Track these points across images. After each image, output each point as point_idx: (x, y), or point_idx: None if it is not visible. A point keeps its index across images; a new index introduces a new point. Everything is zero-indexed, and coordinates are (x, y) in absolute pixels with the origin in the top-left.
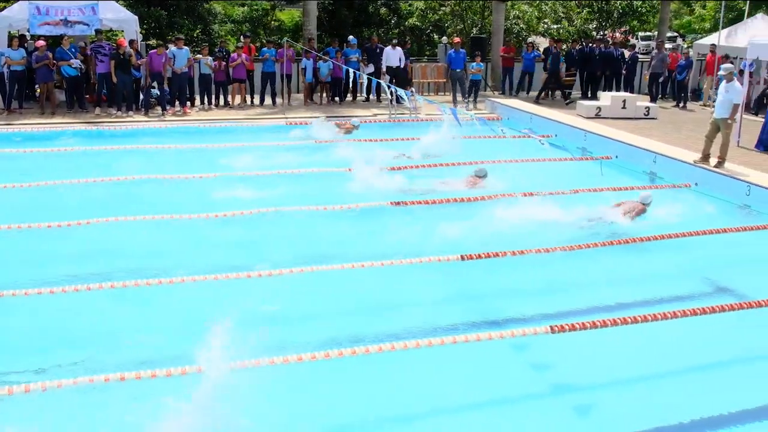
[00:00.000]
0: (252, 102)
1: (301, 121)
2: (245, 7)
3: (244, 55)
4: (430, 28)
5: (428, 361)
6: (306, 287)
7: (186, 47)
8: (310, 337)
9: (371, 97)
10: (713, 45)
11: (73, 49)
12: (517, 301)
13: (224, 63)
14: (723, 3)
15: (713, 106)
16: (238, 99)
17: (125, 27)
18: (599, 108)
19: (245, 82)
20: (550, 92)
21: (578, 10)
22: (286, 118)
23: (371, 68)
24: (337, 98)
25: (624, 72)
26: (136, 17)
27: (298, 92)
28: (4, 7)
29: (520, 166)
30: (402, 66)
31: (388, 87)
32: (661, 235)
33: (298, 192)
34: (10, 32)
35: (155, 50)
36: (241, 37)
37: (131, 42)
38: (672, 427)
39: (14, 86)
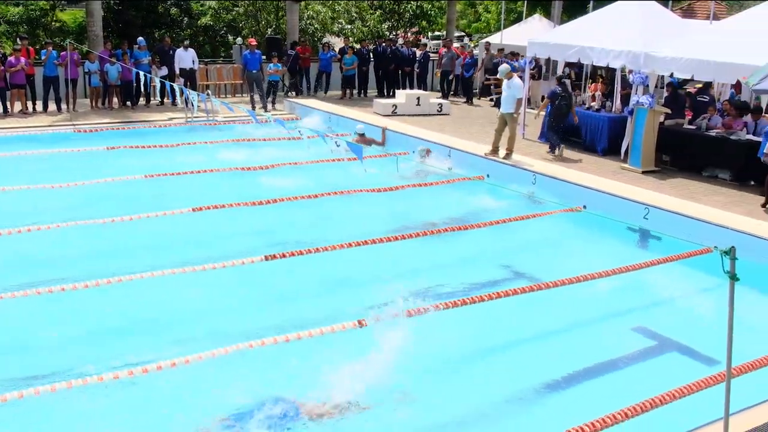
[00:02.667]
0: (34, 109)
1: (94, 128)
2: (20, 7)
3: (23, 59)
4: (224, 28)
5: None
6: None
7: None
8: None
9: (166, 100)
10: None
11: None
12: (324, 298)
13: (1, 68)
14: (503, 5)
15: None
16: (18, 106)
17: None
18: (395, 105)
19: (25, 88)
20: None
21: (371, 11)
22: (74, 125)
23: (164, 71)
24: (128, 102)
25: (417, 70)
26: None
27: (85, 97)
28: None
29: (316, 167)
30: (195, 68)
31: (182, 90)
32: (459, 227)
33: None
34: None
35: None
36: (18, 39)
37: None
38: (474, 408)
39: None
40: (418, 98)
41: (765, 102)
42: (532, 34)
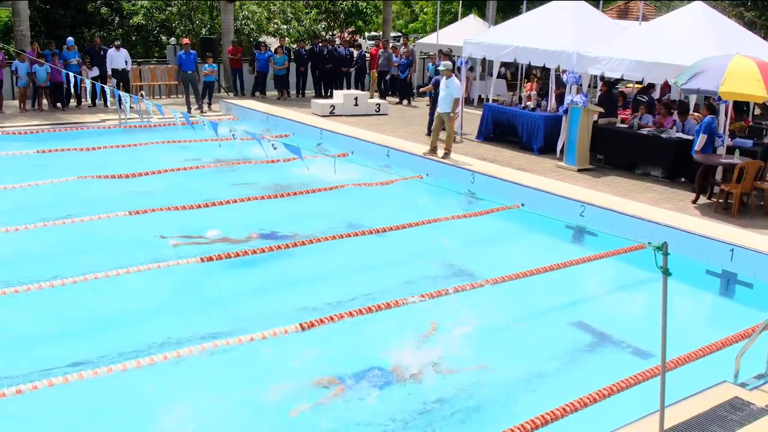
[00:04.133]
0: None
1: (23, 131)
2: None
3: None
4: (157, 28)
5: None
6: None
7: None
8: None
9: (97, 102)
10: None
11: None
12: (262, 299)
13: None
14: (438, 5)
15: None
16: None
17: None
18: (333, 106)
19: None
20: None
21: (306, 10)
22: (3, 127)
23: (96, 71)
24: (59, 104)
25: (354, 70)
26: None
27: (13, 99)
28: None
29: (254, 167)
30: (128, 68)
31: (113, 91)
32: (398, 225)
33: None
34: None
35: None
36: None
37: None
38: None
39: None
40: (356, 98)
41: (693, 102)
42: (468, 34)
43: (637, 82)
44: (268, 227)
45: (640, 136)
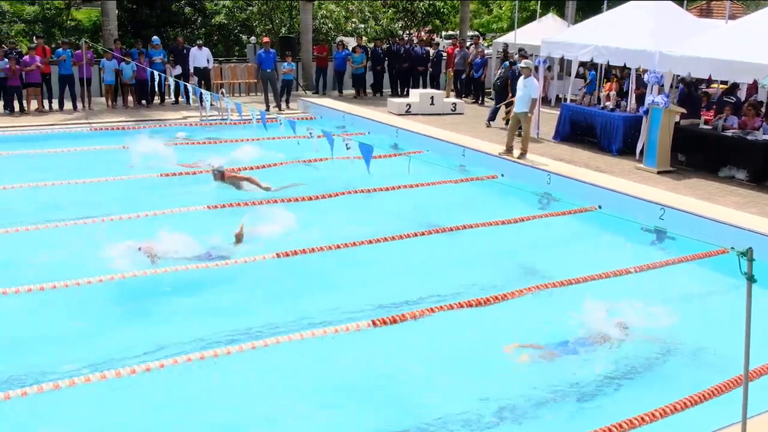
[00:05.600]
0: (50, 107)
1: (110, 126)
2: (35, 6)
3: (38, 58)
4: (238, 27)
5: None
6: None
7: None
8: None
9: (180, 99)
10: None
11: None
12: (336, 296)
13: (17, 66)
14: (516, 3)
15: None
16: (34, 104)
17: None
18: (409, 105)
19: (41, 86)
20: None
21: (384, 9)
22: (90, 123)
23: (179, 70)
24: (143, 101)
25: (430, 70)
26: None
27: (100, 96)
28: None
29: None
30: (210, 67)
31: (195, 89)
32: (471, 224)
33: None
34: None
35: None
36: (34, 37)
37: None
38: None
39: None
40: (432, 97)
41: None
42: (546, 33)
43: (722, 83)
44: (341, 224)
45: (725, 137)
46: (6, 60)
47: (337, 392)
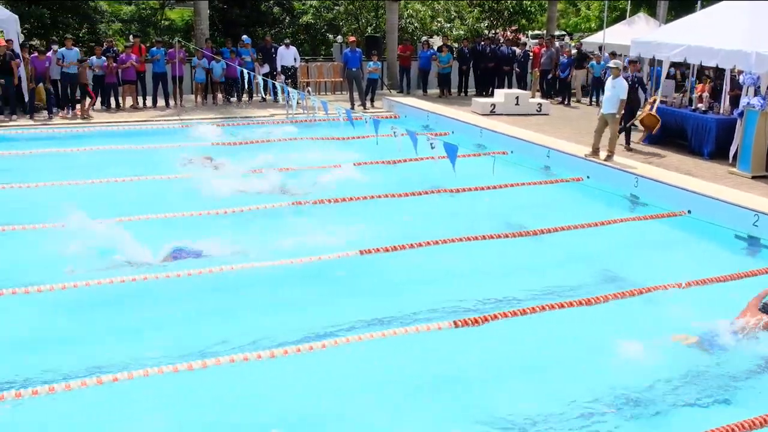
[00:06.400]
0: (144, 104)
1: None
2: (132, 6)
3: (134, 56)
4: (325, 27)
5: (333, 361)
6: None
7: (75, 48)
8: None
9: (267, 97)
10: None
11: None
12: (418, 296)
13: (114, 64)
14: (606, 3)
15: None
16: (129, 101)
17: (5, 27)
18: (494, 105)
19: (136, 84)
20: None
21: (470, 9)
22: (182, 120)
23: (267, 68)
24: (233, 99)
25: (516, 69)
26: (17, 16)
27: (190, 93)
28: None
29: (414, 165)
30: (297, 66)
31: (283, 87)
32: (555, 228)
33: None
34: None
35: (36, 54)
36: (131, 36)
37: (7, 42)
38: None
39: None
40: (517, 97)
41: None
42: (636, 33)
43: None
44: (423, 224)
45: None
46: (104, 58)
47: (420, 392)
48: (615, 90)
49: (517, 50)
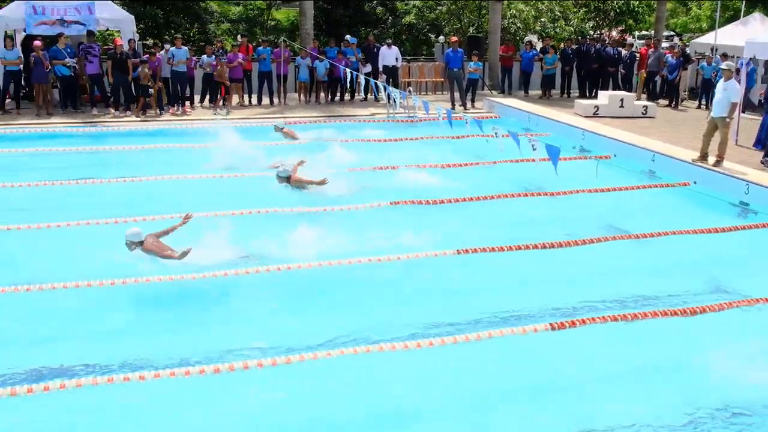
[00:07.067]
0: (250, 102)
1: (301, 121)
2: (240, 6)
3: (240, 55)
4: (427, 27)
5: (429, 361)
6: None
7: (185, 47)
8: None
9: (369, 96)
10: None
11: (68, 50)
12: (516, 297)
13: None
14: (719, 3)
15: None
16: (235, 99)
17: (122, 27)
18: (597, 107)
19: (242, 82)
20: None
21: (575, 9)
22: (285, 117)
23: (369, 68)
24: (337, 98)
25: (622, 71)
26: (133, 17)
27: (294, 92)
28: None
29: (514, 166)
30: (398, 65)
31: (384, 87)
32: (659, 233)
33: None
34: (6, 32)
35: (147, 55)
36: (239, 36)
37: (129, 42)
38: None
39: (8, 86)
40: (622, 100)
41: None
42: (751, 33)
43: None
44: (523, 226)
45: None
46: (213, 57)
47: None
48: (726, 93)
49: (623, 51)
